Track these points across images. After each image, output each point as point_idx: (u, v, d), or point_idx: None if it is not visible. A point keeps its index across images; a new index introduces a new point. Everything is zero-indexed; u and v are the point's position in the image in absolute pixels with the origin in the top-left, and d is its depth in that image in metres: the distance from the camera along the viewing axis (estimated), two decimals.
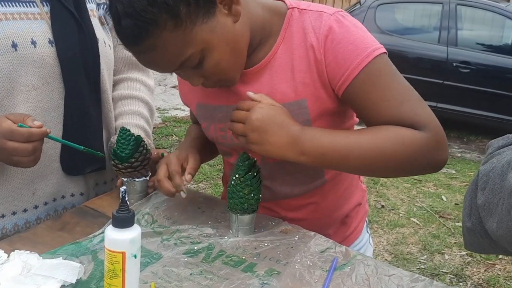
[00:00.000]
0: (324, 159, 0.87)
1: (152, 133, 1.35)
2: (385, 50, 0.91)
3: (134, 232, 0.72)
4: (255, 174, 0.95)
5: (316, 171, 1.04)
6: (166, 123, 5.00)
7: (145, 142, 1.09)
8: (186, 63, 0.84)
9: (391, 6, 5.54)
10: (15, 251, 0.82)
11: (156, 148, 1.27)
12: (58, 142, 1.06)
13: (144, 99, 1.31)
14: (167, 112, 5.39)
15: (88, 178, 1.19)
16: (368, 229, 1.25)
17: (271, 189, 1.05)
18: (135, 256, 0.73)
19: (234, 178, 0.95)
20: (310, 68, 0.91)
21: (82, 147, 1.06)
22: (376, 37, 0.95)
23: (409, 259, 2.87)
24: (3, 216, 1.08)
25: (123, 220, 0.72)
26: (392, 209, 3.47)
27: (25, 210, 1.10)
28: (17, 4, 1.06)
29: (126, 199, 0.72)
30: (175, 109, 5.53)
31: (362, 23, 0.95)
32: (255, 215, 0.98)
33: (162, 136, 4.62)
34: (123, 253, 0.71)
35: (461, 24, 5.24)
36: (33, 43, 1.05)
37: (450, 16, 5.16)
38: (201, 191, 3.58)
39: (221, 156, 1.18)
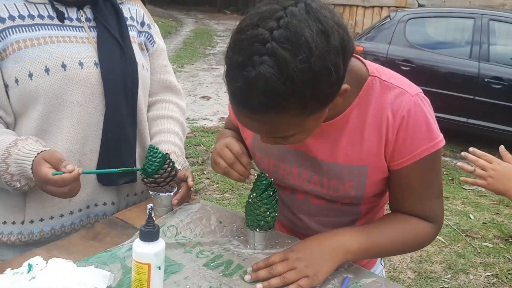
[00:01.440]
0: (367, 253, 1.00)
1: None
2: (444, 142, 0.97)
3: (159, 246, 0.80)
4: (271, 193, 1.01)
5: (352, 218, 1.12)
6: (194, 133, 5.13)
7: (172, 161, 1.17)
8: (278, 137, 0.88)
9: (422, 21, 5.51)
10: (53, 258, 0.91)
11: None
12: (94, 173, 1.16)
13: (178, 119, 1.41)
14: (196, 122, 5.52)
15: (120, 189, 1.29)
16: (382, 261, 1.30)
17: (305, 223, 1.13)
18: (159, 268, 0.80)
19: (251, 196, 1.02)
20: (379, 141, 0.96)
21: (117, 169, 1.14)
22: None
23: (432, 277, 2.84)
24: (41, 220, 1.19)
25: (149, 235, 0.79)
26: None
27: (61, 215, 1.20)
28: (68, 28, 1.18)
29: (152, 215, 0.80)
30: (204, 119, 5.66)
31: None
32: (271, 232, 1.04)
33: (190, 146, 4.74)
34: (149, 265, 0.79)
35: (494, 39, 5.15)
36: (81, 64, 1.16)
37: (482, 31, 5.09)
38: (226, 201, 3.66)
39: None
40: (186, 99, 6.28)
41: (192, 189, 1.25)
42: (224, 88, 0.84)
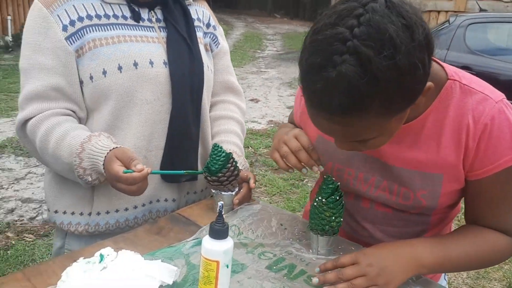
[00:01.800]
0: (442, 268, 0.96)
1: None
2: None
3: (228, 244, 0.80)
4: (337, 198, 0.98)
5: (421, 229, 1.06)
6: None
7: (234, 160, 1.17)
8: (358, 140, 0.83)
9: (483, 26, 5.26)
10: (123, 250, 0.93)
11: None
12: (161, 174, 1.18)
13: (238, 120, 1.43)
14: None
15: (181, 187, 1.31)
16: (445, 276, 1.24)
17: (369, 231, 1.09)
18: (227, 266, 0.80)
19: (317, 200, 1.00)
20: (457, 149, 0.91)
21: (183, 171, 1.16)
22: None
23: None
24: (107, 212, 1.23)
25: (219, 232, 0.79)
26: None
27: (126, 209, 1.24)
28: (139, 28, 1.22)
29: (223, 213, 0.80)
30: (252, 121, 5.69)
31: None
32: (335, 237, 1.02)
33: None
34: (217, 262, 0.79)
35: None
36: (151, 63, 1.19)
37: None
38: (273, 204, 3.65)
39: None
40: None
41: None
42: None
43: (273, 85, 7.92)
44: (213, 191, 1.19)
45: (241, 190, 1.22)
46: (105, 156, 1.06)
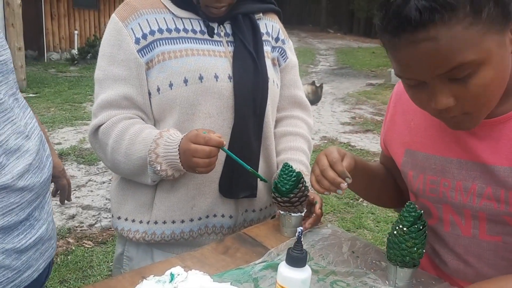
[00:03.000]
0: None
1: None
2: None
3: (306, 273, 0.75)
4: (421, 227, 0.91)
5: None
6: None
7: (304, 180, 1.13)
8: (456, 71, 0.74)
9: None
10: (192, 270, 0.91)
11: None
12: (230, 156, 1.15)
13: (305, 136, 1.38)
14: None
15: (239, 203, 1.28)
16: None
17: (475, 268, 0.95)
18: None
19: (397, 228, 0.93)
20: None
21: (249, 167, 1.14)
22: None
23: None
24: (164, 222, 1.23)
25: (298, 260, 0.75)
26: None
27: (182, 221, 1.23)
28: (208, 42, 1.22)
29: (302, 239, 0.75)
30: None
31: None
32: (416, 269, 0.94)
33: None
34: None
35: None
36: (216, 77, 1.18)
37: None
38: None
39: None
40: None
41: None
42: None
43: (326, 100, 7.83)
44: (282, 212, 1.15)
45: (313, 215, 1.16)
46: (180, 141, 1.10)
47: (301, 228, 0.76)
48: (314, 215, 1.16)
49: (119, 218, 1.28)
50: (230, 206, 1.27)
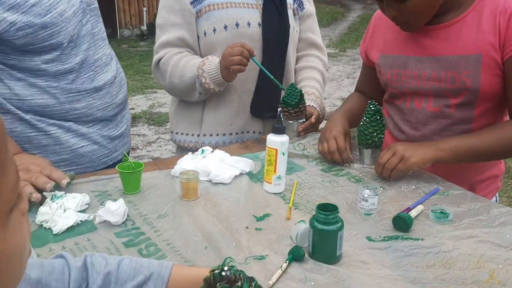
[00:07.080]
0: (458, 152, 1.15)
1: None
2: None
3: (284, 138, 1.14)
4: (378, 118, 1.25)
5: (465, 129, 1.24)
6: None
7: (304, 96, 1.49)
8: None
9: None
10: (216, 149, 1.33)
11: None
12: (257, 64, 1.50)
13: (319, 69, 1.73)
14: None
15: (266, 122, 1.66)
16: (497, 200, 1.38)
17: (421, 131, 1.29)
18: (283, 154, 1.14)
19: (362, 120, 1.27)
20: (494, 32, 1.14)
21: (271, 75, 1.49)
22: None
23: None
24: (211, 135, 1.63)
25: (278, 129, 1.13)
26: None
27: (224, 134, 1.63)
28: None
29: (281, 117, 1.13)
30: None
31: None
32: (378, 150, 1.28)
33: None
34: (276, 150, 1.13)
35: None
36: (248, 24, 1.55)
37: None
38: None
39: None
40: (344, 81, 6.46)
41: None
42: None
43: None
44: (290, 121, 1.51)
45: (306, 122, 1.52)
46: (220, 60, 1.47)
47: (280, 109, 1.13)
48: (306, 122, 1.52)
49: (177, 133, 1.70)
50: (259, 125, 1.65)
